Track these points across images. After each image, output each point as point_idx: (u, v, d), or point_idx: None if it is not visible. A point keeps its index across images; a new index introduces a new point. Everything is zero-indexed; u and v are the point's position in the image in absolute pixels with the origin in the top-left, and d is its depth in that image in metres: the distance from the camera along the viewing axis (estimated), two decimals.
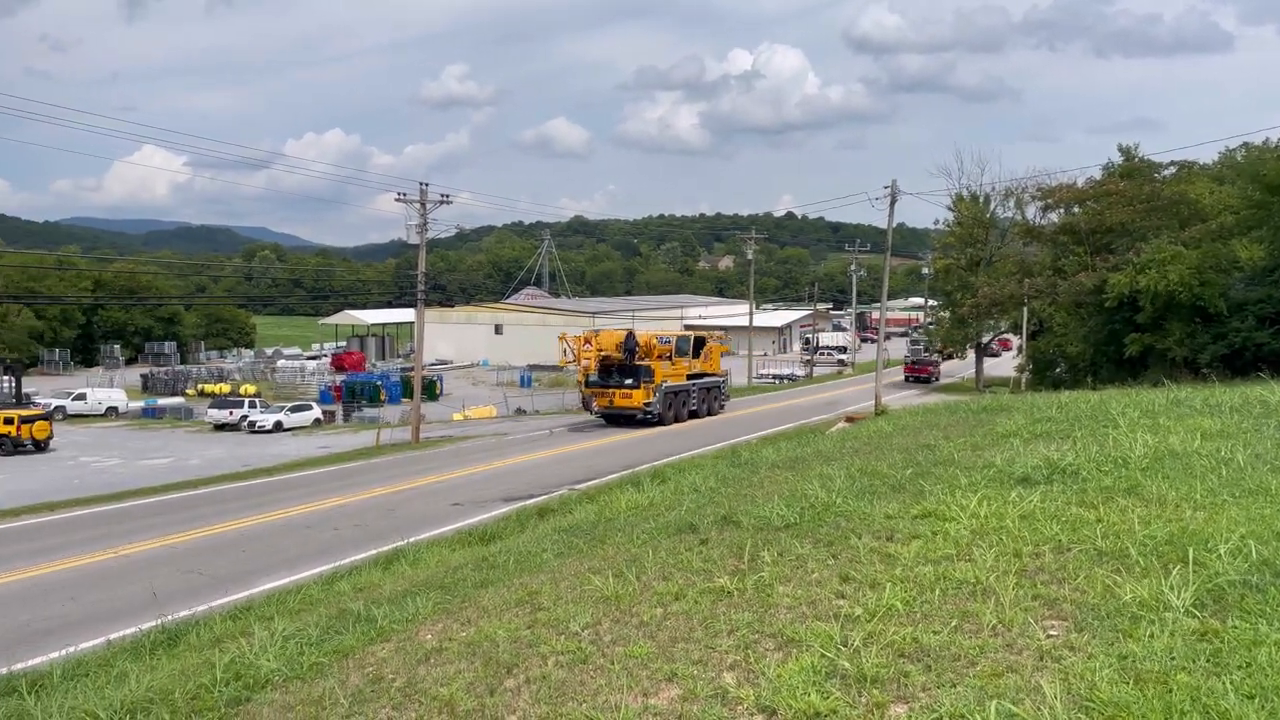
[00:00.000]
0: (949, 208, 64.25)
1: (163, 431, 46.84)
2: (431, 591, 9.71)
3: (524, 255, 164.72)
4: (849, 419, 31.70)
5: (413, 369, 45.33)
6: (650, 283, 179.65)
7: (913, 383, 67.85)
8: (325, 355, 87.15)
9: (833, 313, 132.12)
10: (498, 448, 33.98)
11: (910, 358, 77.49)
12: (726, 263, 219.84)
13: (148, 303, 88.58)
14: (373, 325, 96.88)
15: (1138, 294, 36.18)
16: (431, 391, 57.32)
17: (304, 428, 47.65)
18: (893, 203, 45.29)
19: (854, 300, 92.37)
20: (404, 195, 39.44)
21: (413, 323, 54.02)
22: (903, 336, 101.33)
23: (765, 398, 56.81)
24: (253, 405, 49.80)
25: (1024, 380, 55.18)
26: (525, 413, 51.73)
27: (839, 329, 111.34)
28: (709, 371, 46.55)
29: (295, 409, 49.88)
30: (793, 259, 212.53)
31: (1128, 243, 43.70)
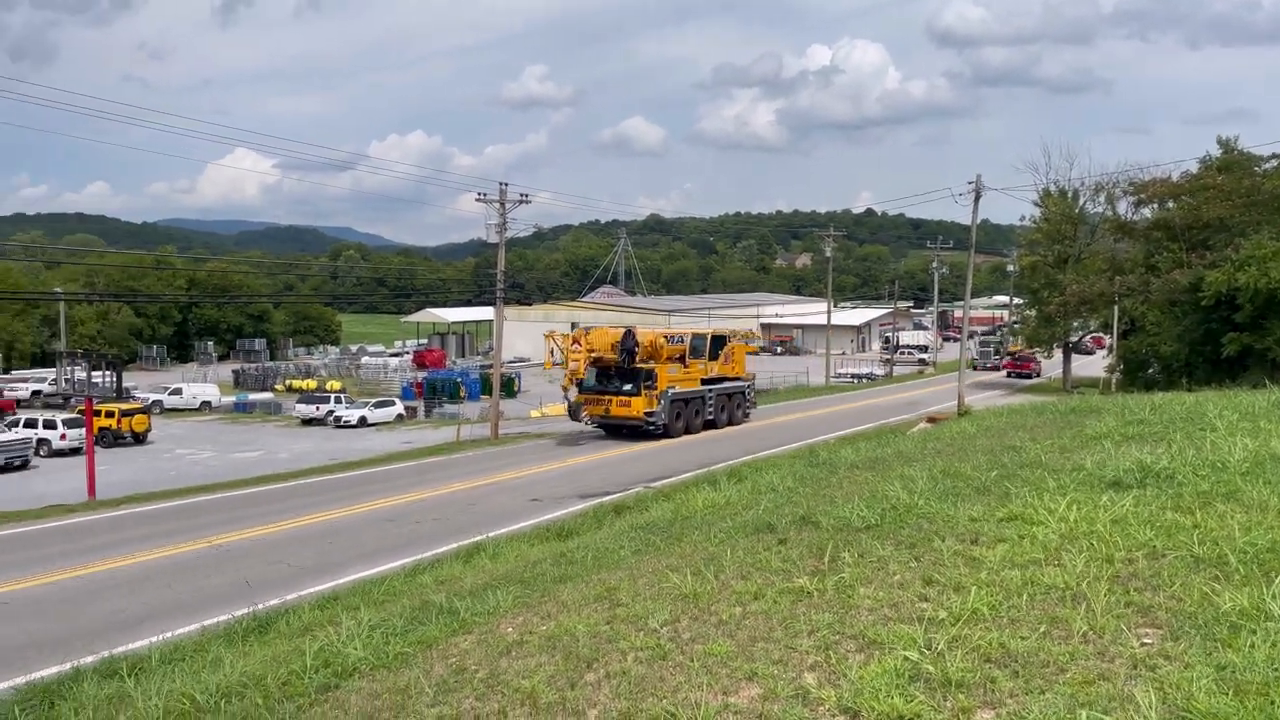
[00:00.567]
0: (1036, 203, 62.43)
1: (253, 425, 48.42)
2: (511, 585, 9.86)
3: (600, 254, 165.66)
4: (930, 419, 31.12)
5: (491, 366, 46.00)
6: (726, 281, 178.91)
7: (1014, 377, 69.62)
8: (407, 352, 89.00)
9: (913, 311, 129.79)
10: (573, 445, 34.26)
11: (978, 360, 76.55)
12: (804, 260, 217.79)
13: (239, 301, 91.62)
14: (453, 323, 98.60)
15: (1236, 292, 34.71)
16: (510, 388, 58.08)
17: (387, 423, 48.78)
18: (977, 198, 44.31)
19: (935, 298, 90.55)
20: (484, 195, 40.06)
21: (491, 321, 54.77)
22: (990, 335, 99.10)
23: (839, 398, 56.13)
24: (338, 401, 51.19)
25: (1114, 381, 53.44)
26: None
27: (920, 328, 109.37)
28: (730, 375, 40.32)
29: (379, 405, 51.09)
30: (872, 256, 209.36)
31: (1225, 239, 41.96)
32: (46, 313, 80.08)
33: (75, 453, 34.22)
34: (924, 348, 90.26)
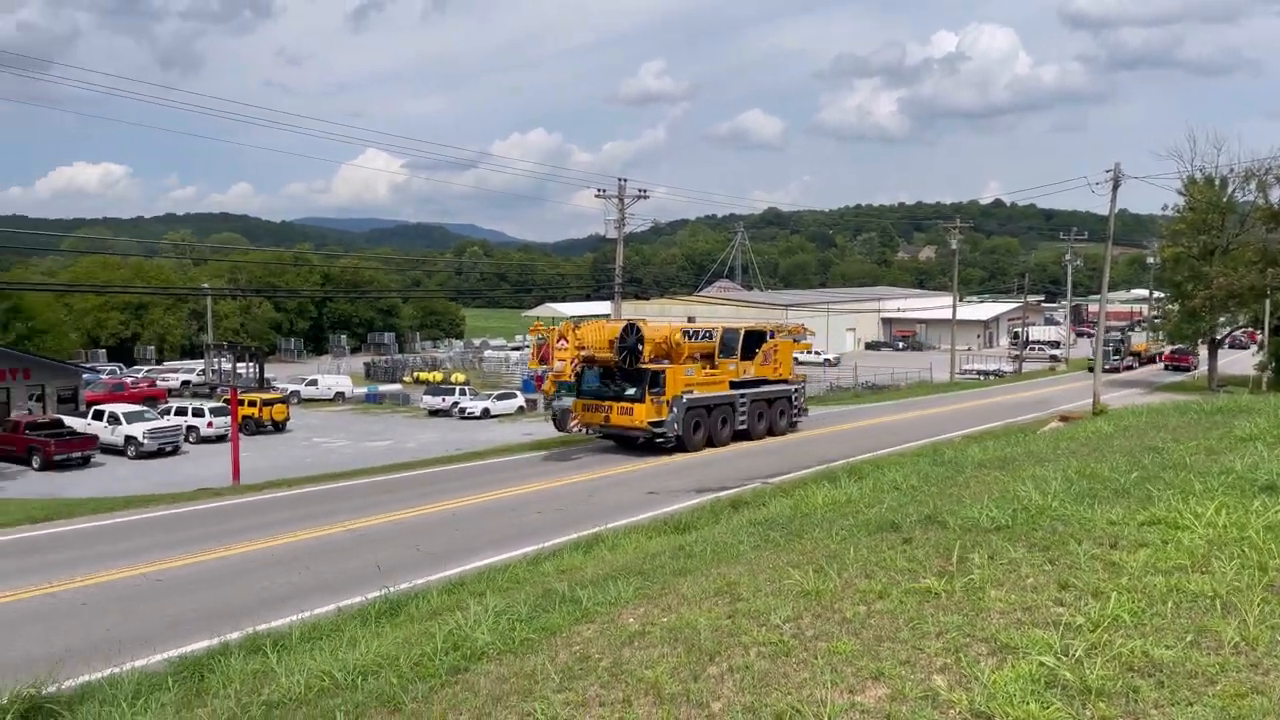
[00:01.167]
0: (1180, 192, 58.93)
1: (383, 416, 50.25)
2: (631, 577, 9.98)
3: (717, 248, 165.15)
4: (1063, 418, 29.88)
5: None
6: (845, 275, 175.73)
7: (1172, 371, 69.36)
8: (528, 346, 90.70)
9: (1044, 305, 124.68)
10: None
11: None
12: (927, 253, 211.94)
13: (370, 296, 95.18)
14: (571, 317, 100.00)
15: None
16: None
17: (508, 415, 49.86)
18: (1115, 187, 42.19)
19: (1069, 292, 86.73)
20: (603, 191, 40.49)
21: (609, 315, 55.34)
22: (1113, 332, 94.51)
23: (964, 395, 54.43)
24: (463, 393, 52.65)
25: (1265, 379, 50.13)
26: None
27: (1051, 322, 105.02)
28: (770, 377, 34.21)
29: (501, 397, 52.28)
30: (1000, 248, 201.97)
31: None
32: (195, 307, 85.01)
33: (221, 440, 36.25)
34: (1055, 343, 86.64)
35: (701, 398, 30.76)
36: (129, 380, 56.79)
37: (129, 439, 36.43)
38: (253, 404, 40.14)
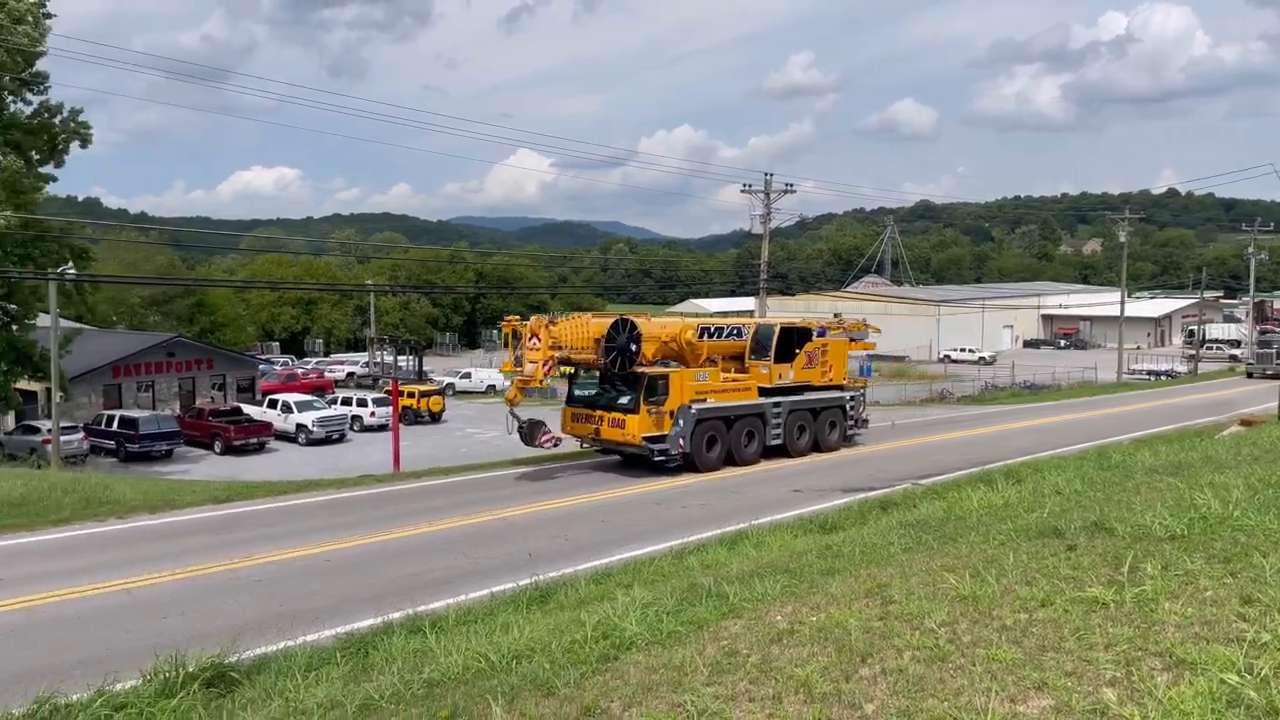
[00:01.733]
0: None
1: (533, 407, 51.59)
2: (778, 575, 9.92)
3: (865, 243, 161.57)
4: (1245, 422, 27.81)
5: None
6: (1003, 269, 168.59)
7: None
8: None
9: (1223, 302, 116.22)
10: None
11: (1253, 364, 63.27)
12: (1093, 246, 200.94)
13: (520, 292, 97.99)
14: (715, 313, 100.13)
15: None
16: None
17: None
18: None
19: (1251, 287, 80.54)
20: (749, 186, 40.33)
21: (753, 311, 54.99)
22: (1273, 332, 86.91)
23: (1132, 396, 51.34)
24: None
25: None
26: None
27: (1231, 320, 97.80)
28: (815, 383, 28.65)
29: None
30: (1174, 241, 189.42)
31: None
32: (359, 303, 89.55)
33: (382, 429, 38.14)
34: (1236, 342, 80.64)
35: (718, 407, 25.58)
36: (300, 371, 60.44)
37: (300, 426, 38.83)
38: (411, 395, 41.99)
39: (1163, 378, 64.75)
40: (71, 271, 32.83)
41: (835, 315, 34.08)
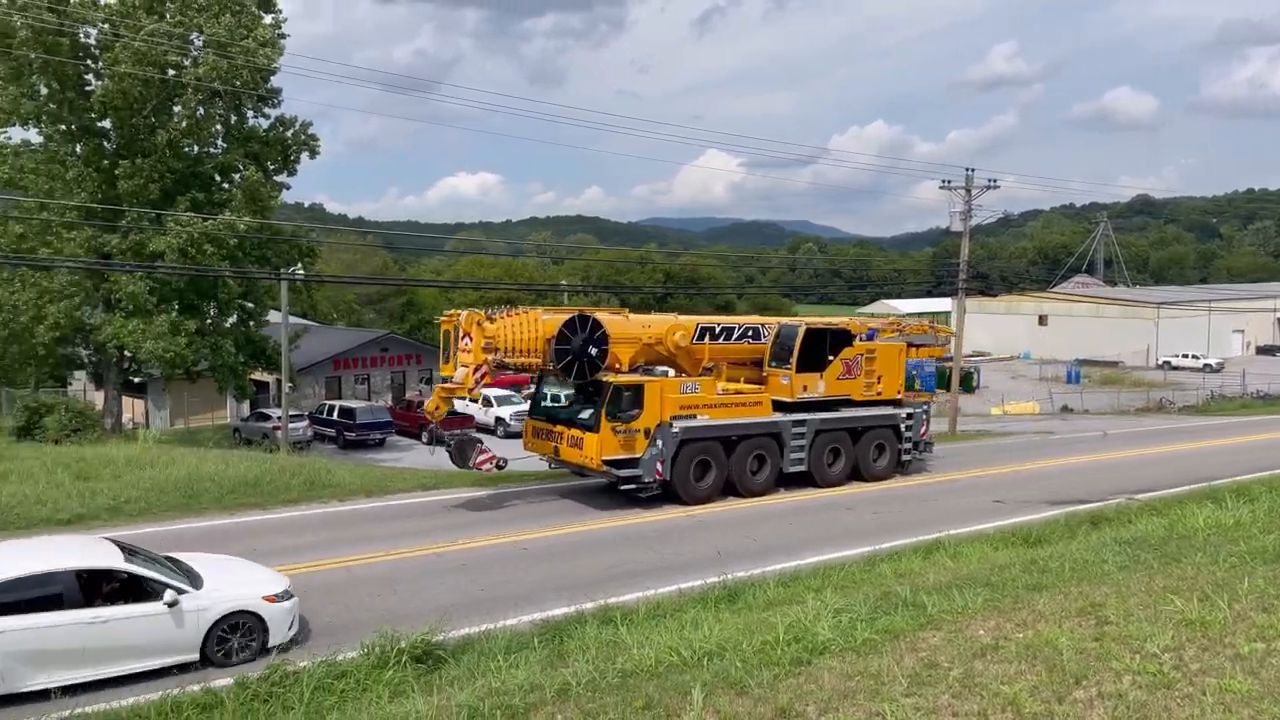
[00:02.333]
0: None
1: None
2: (978, 587, 9.54)
3: (1074, 240, 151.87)
4: None
5: (947, 360, 44.51)
6: (1233, 269, 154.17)
7: None
8: None
9: None
10: (1041, 447, 31.95)
11: None
12: None
13: (707, 292, 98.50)
14: (908, 315, 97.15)
15: None
16: (968, 384, 55.90)
17: None
18: None
19: None
20: (948, 182, 38.82)
21: (948, 312, 52.88)
22: None
23: None
24: None
25: None
26: (1072, 411, 47.98)
27: None
28: (855, 397, 23.32)
29: None
30: None
31: None
32: (554, 302, 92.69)
33: None
34: None
35: (712, 426, 20.80)
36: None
37: (498, 420, 40.68)
38: None
39: None
40: (300, 271, 35.81)
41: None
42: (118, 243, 31.31)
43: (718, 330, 22.68)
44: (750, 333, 23.18)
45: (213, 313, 34.76)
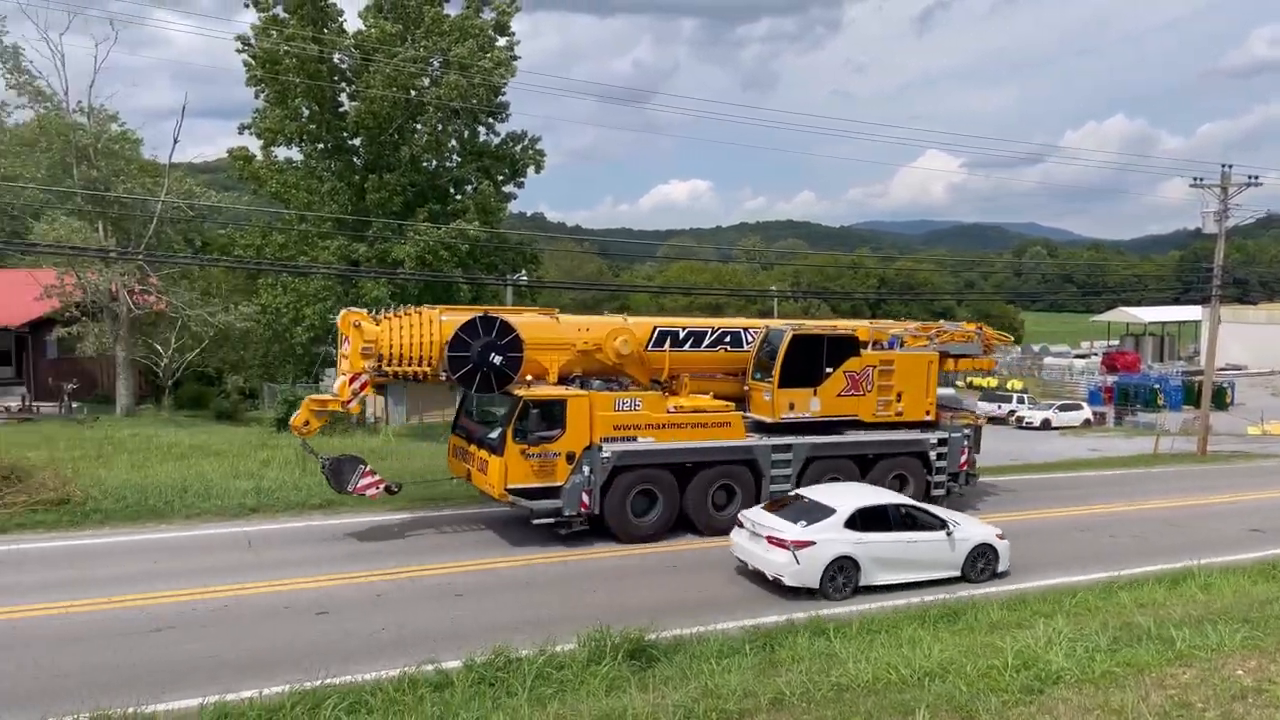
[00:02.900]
0: None
1: None
2: (1234, 623, 8.70)
3: None
4: None
5: (1197, 373, 40.74)
6: None
7: None
8: (1095, 354, 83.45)
9: None
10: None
11: None
12: None
13: (923, 298, 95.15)
14: (1150, 324, 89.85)
15: None
16: (1220, 400, 51.00)
17: (1071, 428, 46.51)
18: None
19: None
20: (1199, 180, 35.54)
21: (1197, 322, 48.45)
22: None
23: None
24: (1020, 401, 50.27)
25: None
26: None
27: None
28: (865, 418, 19.39)
29: (1064, 408, 49.02)
30: None
31: None
32: (762, 308, 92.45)
33: None
34: None
35: (657, 450, 17.24)
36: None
37: None
38: None
39: None
40: (524, 277, 37.66)
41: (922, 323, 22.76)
42: (364, 250, 34.04)
43: (682, 335, 19.05)
44: (728, 338, 19.49)
45: None
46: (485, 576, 14.64)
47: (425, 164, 35.63)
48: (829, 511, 14.24)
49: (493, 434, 16.98)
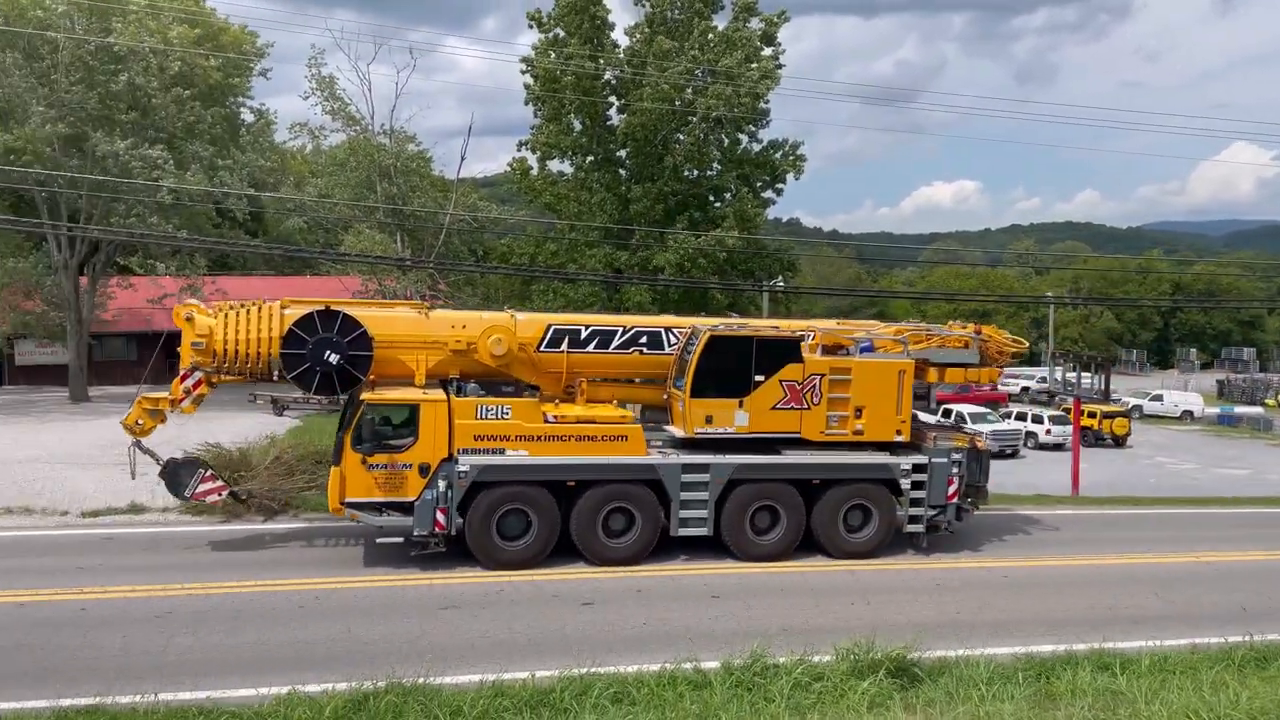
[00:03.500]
0: None
1: (1239, 440, 44.79)
2: None
3: None
4: None
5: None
6: None
7: None
8: None
9: None
10: None
11: None
12: None
13: (1227, 306, 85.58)
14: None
15: None
16: None
17: None
18: None
19: None
20: None
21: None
22: None
23: None
24: None
25: None
26: None
27: None
28: (811, 436, 16.09)
29: None
30: None
31: None
32: (1035, 315, 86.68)
33: (1057, 448, 36.40)
34: None
35: (530, 465, 15.18)
36: (973, 383, 60.57)
37: None
38: (1092, 415, 39.37)
39: None
40: (780, 284, 37.67)
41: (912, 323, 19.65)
42: (627, 258, 35.40)
43: (584, 334, 16.58)
44: (644, 339, 16.84)
45: None
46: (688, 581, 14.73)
47: (687, 173, 36.53)
48: None
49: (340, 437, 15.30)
